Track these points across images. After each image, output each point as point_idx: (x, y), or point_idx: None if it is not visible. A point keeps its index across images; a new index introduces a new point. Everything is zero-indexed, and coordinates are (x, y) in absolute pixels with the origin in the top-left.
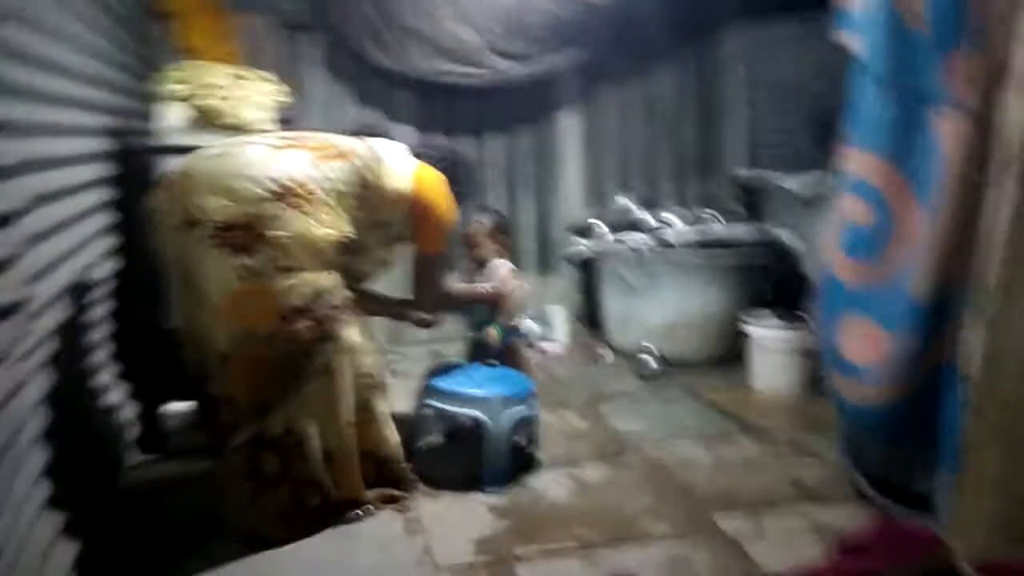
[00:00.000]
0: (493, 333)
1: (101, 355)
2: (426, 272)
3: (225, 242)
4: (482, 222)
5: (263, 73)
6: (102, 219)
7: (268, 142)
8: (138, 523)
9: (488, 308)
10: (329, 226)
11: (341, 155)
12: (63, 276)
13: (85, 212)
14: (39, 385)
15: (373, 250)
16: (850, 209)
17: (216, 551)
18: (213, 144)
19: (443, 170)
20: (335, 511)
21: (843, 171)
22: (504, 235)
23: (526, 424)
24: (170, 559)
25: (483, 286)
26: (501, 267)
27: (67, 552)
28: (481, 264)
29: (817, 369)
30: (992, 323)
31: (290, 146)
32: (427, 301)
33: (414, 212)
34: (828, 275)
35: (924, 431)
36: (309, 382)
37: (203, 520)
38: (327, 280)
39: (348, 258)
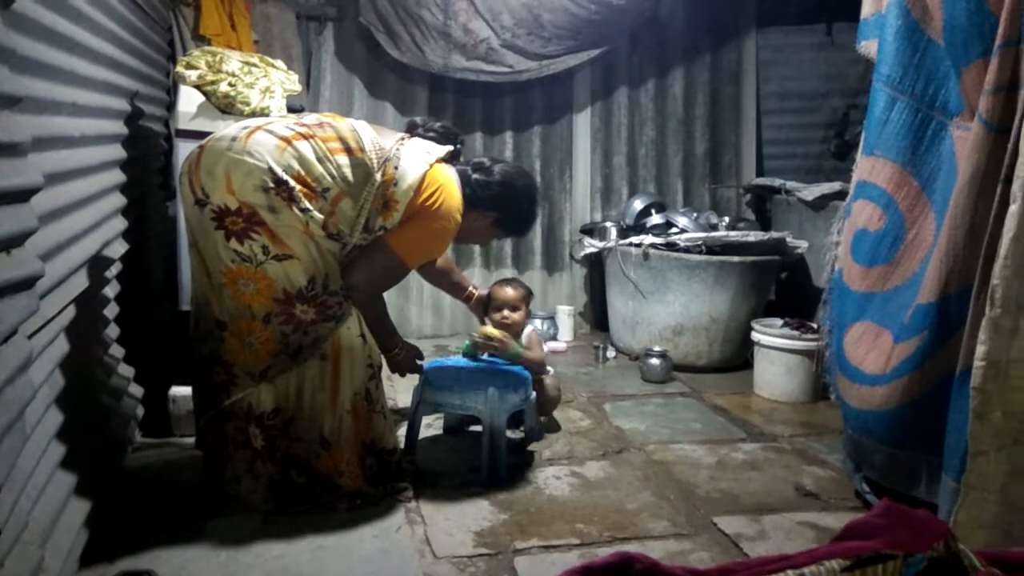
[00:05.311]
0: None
1: (109, 335)
2: (379, 258)
3: (223, 225)
4: (520, 289)
5: (275, 61)
6: (116, 201)
7: (278, 131)
8: (140, 503)
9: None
10: (322, 223)
11: (348, 151)
12: (75, 255)
13: (99, 193)
14: (46, 362)
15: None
16: (861, 214)
17: (217, 532)
18: (231, 127)
19: (496, 195)
20: (324, 492)
21: (855, 178)
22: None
23: (527, 419)
24: (171, 539)
25: (533, 355)
26: (531, 332)
27: (71, 528)
28: (512, 327)
29: (823, 375)
30: (997, 329)
31: (299, 136)
32: (356, 285)
33: (407, 215)
34: (837, 281)
35: (930, 437)
36: (306, 364)
37: (205, 502)
38: (324, 268)
39: (341, 250)
